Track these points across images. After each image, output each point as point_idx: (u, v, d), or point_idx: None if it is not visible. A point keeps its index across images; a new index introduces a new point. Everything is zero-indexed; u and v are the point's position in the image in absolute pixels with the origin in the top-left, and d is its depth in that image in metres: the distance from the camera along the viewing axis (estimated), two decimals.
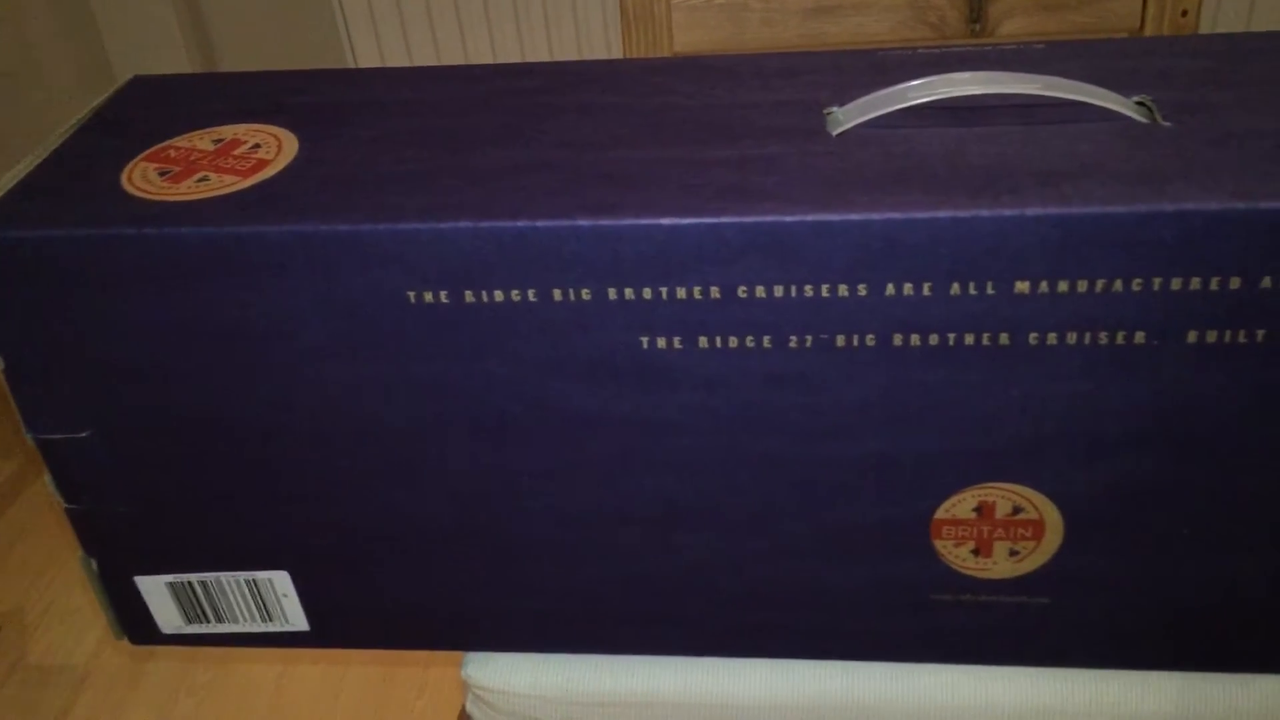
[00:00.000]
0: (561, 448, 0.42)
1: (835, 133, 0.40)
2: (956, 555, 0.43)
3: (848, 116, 0.41)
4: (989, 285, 0.36)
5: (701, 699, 0.47)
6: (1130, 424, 0.39)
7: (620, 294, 0.38)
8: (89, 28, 1.57)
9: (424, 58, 1.61)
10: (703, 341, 0.39)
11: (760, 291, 0.37)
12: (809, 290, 0.37)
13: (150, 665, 1.21)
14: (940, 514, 0.42)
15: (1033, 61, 0.44)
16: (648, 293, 0.38)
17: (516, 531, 0.45)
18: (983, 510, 0.42)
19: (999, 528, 0.42)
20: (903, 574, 0.44)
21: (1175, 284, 0.36)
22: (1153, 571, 0.43)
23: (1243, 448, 0.39)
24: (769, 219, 0.36)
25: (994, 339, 0.38)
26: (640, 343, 0.39)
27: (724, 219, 0.36)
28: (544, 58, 1.57)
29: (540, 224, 0.37)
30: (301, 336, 0.40)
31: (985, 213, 0.35)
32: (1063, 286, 0.36)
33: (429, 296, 0.39)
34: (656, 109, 0.43)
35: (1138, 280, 0.36)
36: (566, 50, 1.52)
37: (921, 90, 0.40)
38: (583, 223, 0.37)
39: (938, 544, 0.43)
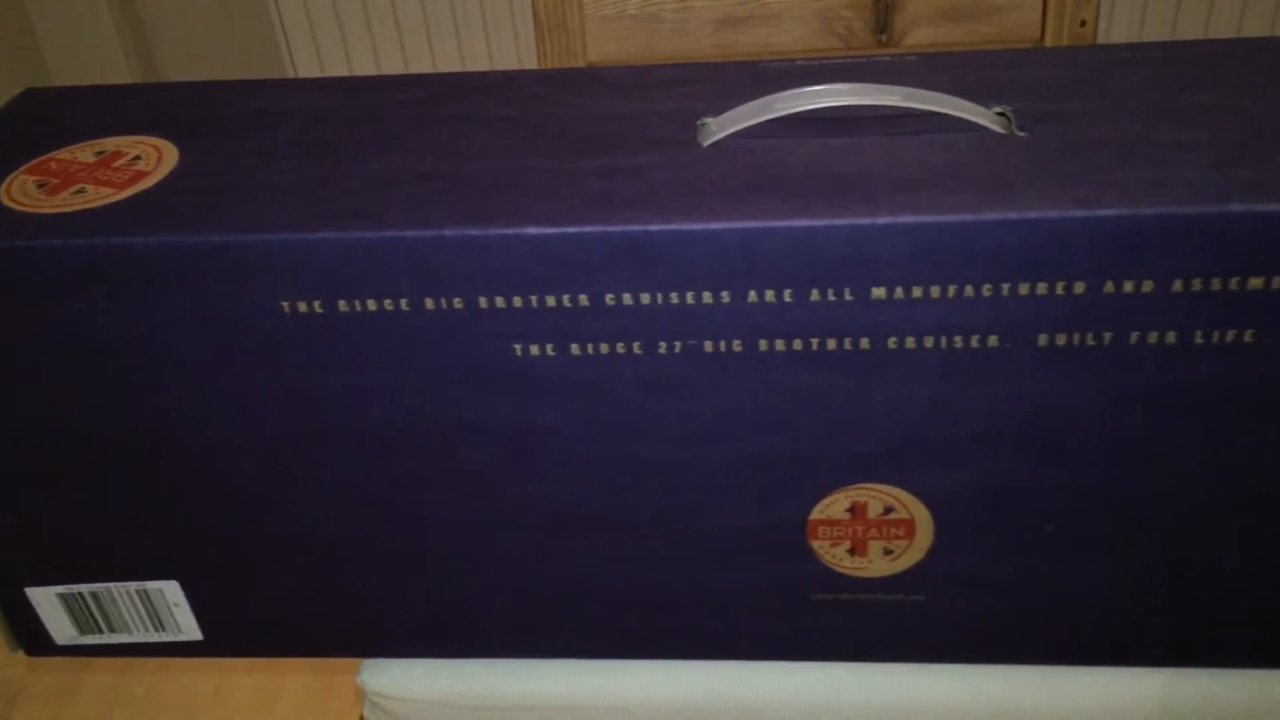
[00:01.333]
0: (443, 456, 0.43)
1: (706, 143, 0.41)
2: (833, 555, 0.44)
3: (720, 127, 0.42)
4: (847, 292, 0.37)
5: (592, 701, 0.48)
6: (989, 425, 0.40)
7: (491, 302, 0.39)
8: (27, 39, 1.55)
9: (363, 66, 1.61)
10: (574, 349, 0.39)
11: (628, 299, 0.38)
12: (674, 297, 0.38)
13: (87, 677, 1.19)
14: (815, 515, 0.43)
15: (906, 73, 0.45)
16: (518, 301, 0.39)
17: (405, 539, 0.45)
18: (855, 511, 0.43)
19: (872, 527, 0.43)
20: (783, 575, 0.45)
21: (1023, 289, 0.37)
22: (1021, 569, 0.44)
23: (1096, 447, 0.40)
24: (633, 228, 0.37)
25: (855, 344, 0.39)
26: (513, 350, 0.40)
27: (588, 228, 0.37)
28: (483, 66, 1.57)
29: (409, 234, 0.38)
30: (177, 348, 0.40)
31: (840, 221, 0.36)
32: (917, 292, 0.37)
33: (302, 307, 0.39)
34: (537, 119, 0.44)
35: (988, 286, 0.37)
36: (506, 58, 1.53)
37: (789, 102, 0.41)
38: (449, 233, 0.37)
39: (814, 544, 0.44)
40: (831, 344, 0.39)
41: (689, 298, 0.38)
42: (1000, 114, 0.42)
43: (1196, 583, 0.43)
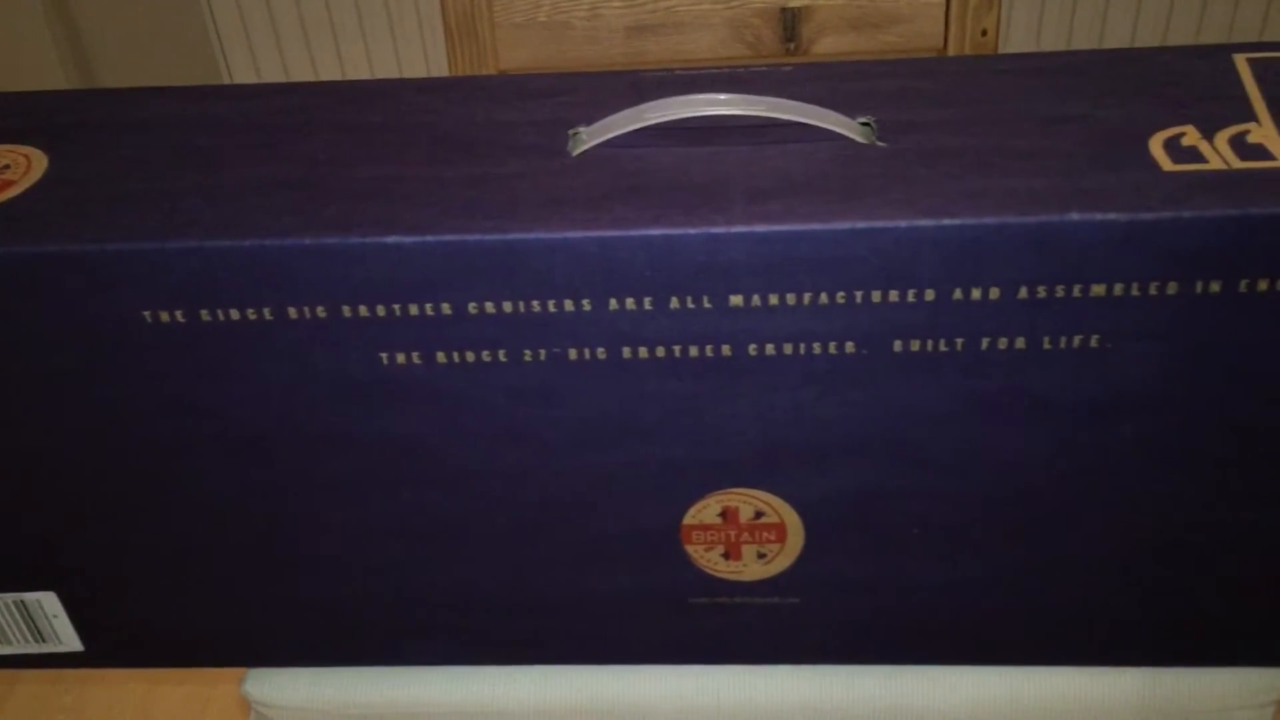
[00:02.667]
0: (314, 466, 0.43)
1: (576, 152, 0.42)
2: (708, 559, 0.45)
3: (590, 136, 0.42)
4: (705, 300, 0.38)
5: (476, 707, 0.48)
6: (851, 430, 0.41)
7: (355, 311, 0.39)
8: None
9: (300, 73, 1.60)
10: (440, 357, 0.40)
11: (490, 308, 0.38)
12: (536, 306, 0.38)
13: (14, 688, 1.18)
14: (688, 520, 0.44)
15: (781, 83, 0.46)
16: (381, 310, 0.39)
17: (281, 547, 0.45)
18: (727, 515, 0.44)
19: (744, 531, 0.44)
20: (660, 579, 0.46)
21: (875, 297, 0.38)
22: (892, 571, 0.45)
23: (955, 452, 0.41)
24: (492, 237, 0.37)
25: (716, 351, 0.39)
26: (380, 359, 0.40)
27: (448, 237, 0.37)
28: (420, 72, 1.57)
29: (269, 243, 0.38)
30: (42, 358, 0.40)
31: (694, 230, 0.37)
32: (774, 300, 0.38)
33: (165, 316, 0.39)
34: (410, 128, 0.44)
35: (841, 293, 0.38)
36: (441, 64, 1.53)
37: (657, 111, 0.42)
38: (308, 241, 0.37)
39: (689, 549, 0.45)
40: (694, 351, 0.39)
41: (551, 306, 0.38)
42: (865, 124, 0.42)
43: (1062, 583, 0.44)
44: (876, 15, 0.76)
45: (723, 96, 0.42)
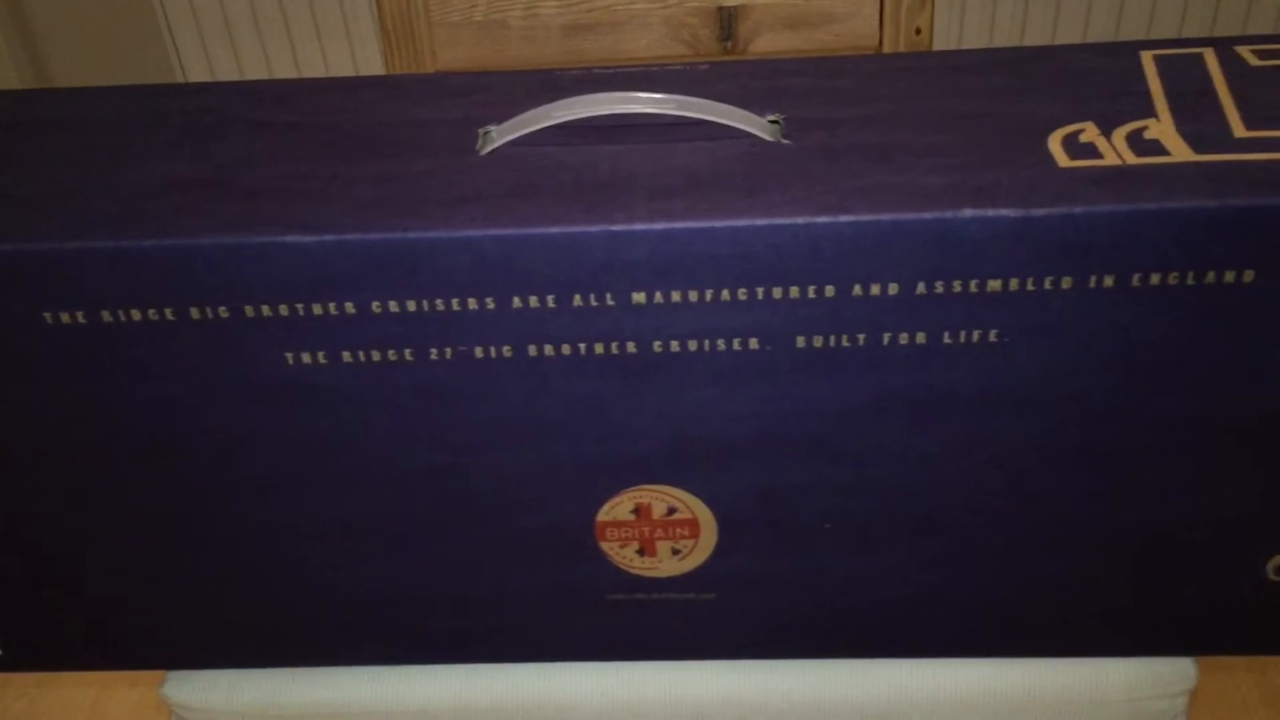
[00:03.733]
0: (223, 467, 0.42)
1: (486, 150, 0.42)
2: (623, 556, 0.45)
3: (500, 135, 0.42)
4: (608, 297, 0.38)
5: (398, 707, 0.48)
6: (758, 426, 0.41)
7: (258, 311, 0.39)
8: None
9: (255, 70, 1.59)
10: (346, 356, 0.40)
11: (394, 306, 0.38)
12: (440, 305, 0.38)
13: None
14: (602, 517, 0.44)
15: (694, 82, 0.46)
16: (284, 309, 0.39)
17: (196, 550, 0.45)
18: (640, 512, 0.44)
19: (658, 528, 0.44)
20: (578, 576, 0.46)
21: (777, 293, 0.38)
22: (805, 565, 0.45)
23: (861, 446, 0.41)
24: (392, 236, 0.37)
25: (621, 348, 0.39)
26: (285, 359, 0.40)
27: (348, 236, 0.37)
28: (377, 70, 1.56)
29: (168, 242, 0.37)
30: None
31: (595, 228, 0.37)
32: (676, 297, 0.38)
33: (65, 318, 0.39)
34: (322, 127, 0.44)
35: (743, 290, 0.38)
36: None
37: (566, 110, 0.42)
38: (207, 241, 0.37)
39: (604, 546, 0.45)
40: (599, 349, 0.39)
41: (454, 305, 0.38)
42: (773, 121, 0.43)
43: (971, 576, 0.45)
44: (812, 14, 0.76)
45: (631, 95, 0.42)
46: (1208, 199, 0.35)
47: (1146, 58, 0.45)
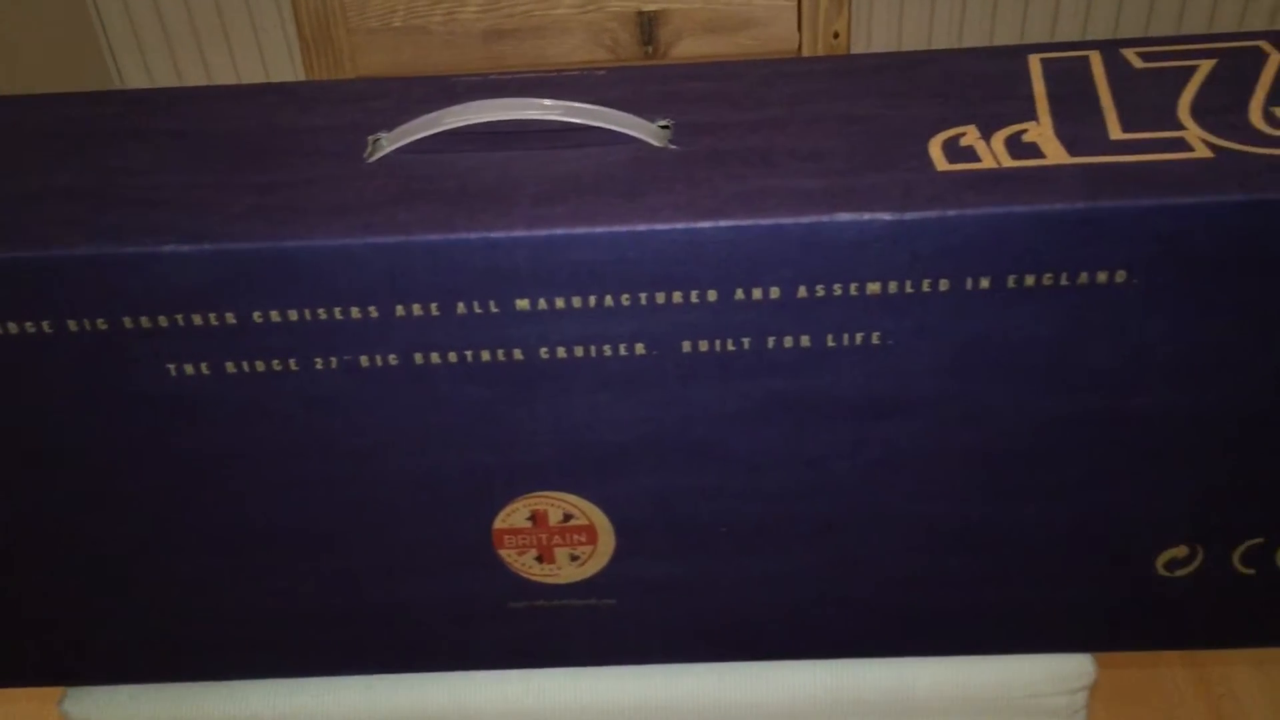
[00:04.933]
0: (113, 480, 0.42)
1: (375, 158, 0.42)
2: (522, 563, 0.45)
3: (390, 142, 0.42)
4: (491, 304, 0.38)
5: (296, 718, 0.48)
6: (649, 432, 0.41)
7: (137, 323, 0.38)
8: None
9: (195, 78, 1.57)
10: (230, 367, 0.39)
11: (275, 316, 0.38)
12: (322, 314, 0.38)
13: None
14: (499, 525, 0.44)
15: (591, 87, 0.46)
16: (164, 320, 0.38)
17: (90, 563, 0.44)
18: (537, 519, 0.44)
19: (555, 534, 0.44)
20: (477, 585, 0.45)
21: (660, 298, 0.38)
22: (703, 569, 0.45)
23: (751, 450, 0.41)
24: (269, 245, 0.37)
25: (509, 355, 0.39)
26: (168, 371, 0.39)
27: (225, 245, 0.37)
28: (303, 74, 1.55)
29: (42, 254, 0.37)
30: None
31: (474, 235, 0.37)
32: (560, 303, 0.38)
33: None
34: (212, 135, 0.43)
35: (626, 295, 0.38)
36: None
37: (454, 117, 0.42)
38: (82, 251, 0.37)
39: (503, 553, 0.45)
40: (485, 356, 0.39)
41: (337, 314, 0.38)
42: (664, 127, 0.43)
43: (870, 576, 0.45)
44: (732, 19, 0.77)
45: (521, 101, 0.42)
46: (1079, 201, 0.36)
47: (1034, 61, 0.45)
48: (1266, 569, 0.44)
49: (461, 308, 0.38)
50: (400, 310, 0.38)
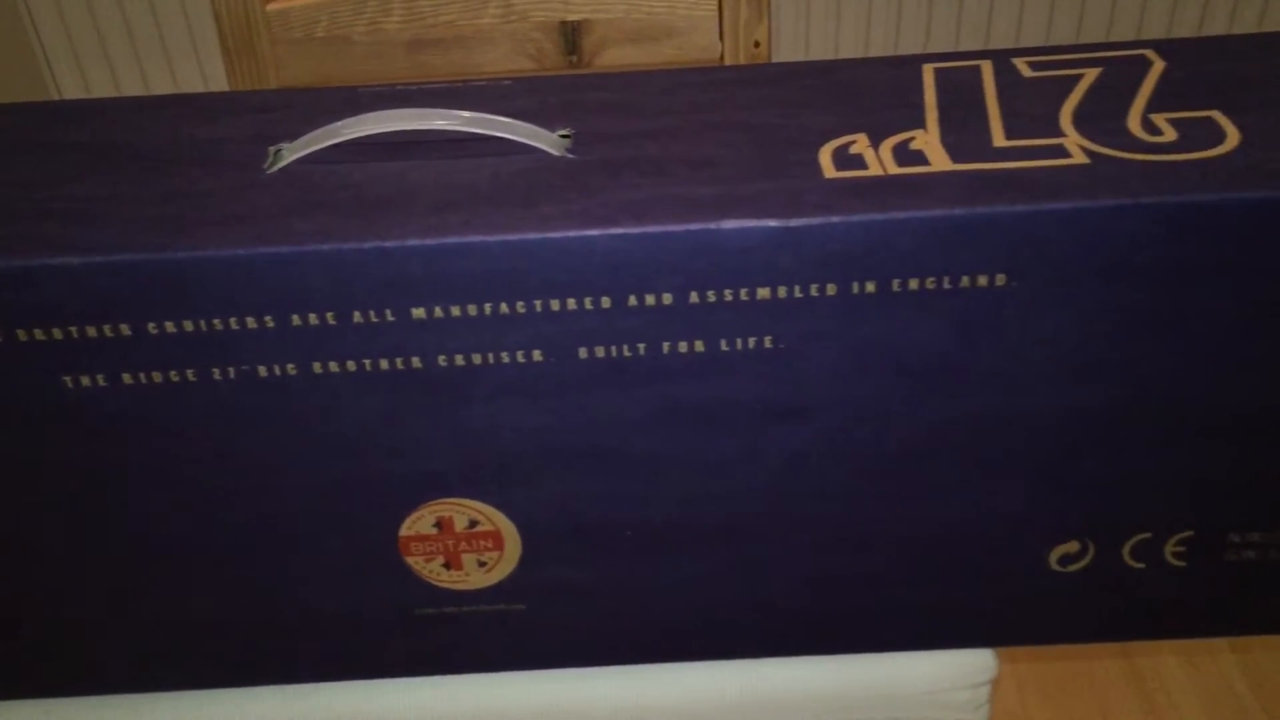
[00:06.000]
0: (13, 493, 0.42)
1: (275, 169, 0.42)
2: (429, 570, 0.45)
3: (290, 153, 0.42)
4: (388, 313, 0.38)
5: None
6: (549, 438, 0.41)
7: (31, 335, 0.38)
8: None
9: (132, 88, 1.56)
10: (126, 379, 0.39)
11: (170, 327, 0.38)
12: (218, 324, 0.38)
13: None
14: (405, 532, 0.44)
15: (497, 97, 0.47)
16: (59, 333, 0.38)
17: None
18: (443, 525, 0.44)
19: (461, 540, 0.44)
20: (385, 593, 0.46)
21: (555, 305, 0.38)
22: (610, 573, 0.45)
23: (651, 455, 0.42)
24: (161, 256, 0.37)
25: (406, 364, 0.39)
26: (64, 384, 0.39)
27: (118, 256, 0.37)
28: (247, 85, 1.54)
29: None
30: None
31: (367, 245, 0.37)
32: (455, 311, 0.38)
33: None
34: (111, 146, 0.43)
35: (521, 303, 0.38)
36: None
37: (352, 128, 0.42)
38: None
39: (410, 561, 0.45)
40: (384, 364, 0.39)
41: (233, 324, 0.38)
42: (564, 136, 0.43)
43: (772, 577, 0.46)
44: (654, 28, 0.78)
45: (422, 112, 0.43)
46: (956, 206, 0.37)
47: (928, 70, 0.46)
48: (1156, 563, 0.45)
49: (358, 317, 0.38)
50: (296, 320, 0.38)
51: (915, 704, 0.48)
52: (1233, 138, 0.40)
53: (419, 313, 0.38)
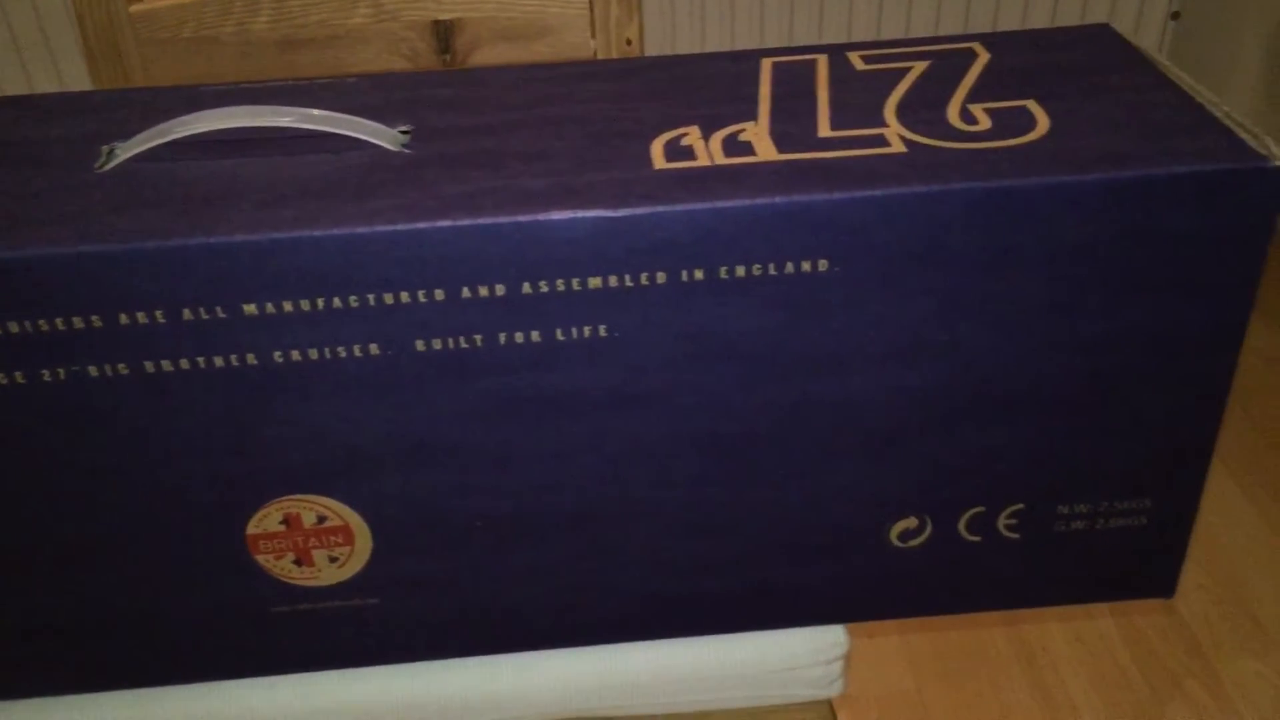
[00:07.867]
0: None
1: (106, 168, 0.41)
2: (280, 567, 0.45)
3: (123, 151, 0.42)
4: (219, 310, 0.38)
5: None
6: (391, 432, 0.42)
7: None
8: None
9: (14, 89, 1.51)
10: (45, 375, 0.39)
11: (60, 324, 0.38)
12: (44, 325, 0.38)
13: None
14: (252, 530, 0.44)
15: (339, 94, 0.47)
16: None
17: None
18: (290, 522, 0.44)
19: (311, 536, 0.44)
20: (238, 592, 0.45)
21: (389, 298, 0.38)
22: (462, 565, 0.46)
23: (494, 446, 0.42)
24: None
25: (242, 360, 0.39)
26: None
27: None
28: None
29: None
30: None
31: (193, 241, 0.37)
32: (288, 306, 0.38)
33: None
34: None
35: (354, 297, 0.38)
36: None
37: (183, 126, 0.42)
38: None
39: (260, 559, 0.45)
40: (219, 362, 0.39)
41: (59, 324, 0.38)
42: (404, 132, 0.43)
43: (625, 564, 0.47)
44: (527, 27, 0.78)
45: (256, 109, 0.43)
46: (776, 195, 0.38)
47: (766, 64, 0.47)
48: (991, 536, 0.47)
49: (188, 314, 0.38)
50: (124, 319, 0.38)
51: (771, 682, 0.50)
52: (1043, 126, 0.41)
53: (251, 309, 0.38)
